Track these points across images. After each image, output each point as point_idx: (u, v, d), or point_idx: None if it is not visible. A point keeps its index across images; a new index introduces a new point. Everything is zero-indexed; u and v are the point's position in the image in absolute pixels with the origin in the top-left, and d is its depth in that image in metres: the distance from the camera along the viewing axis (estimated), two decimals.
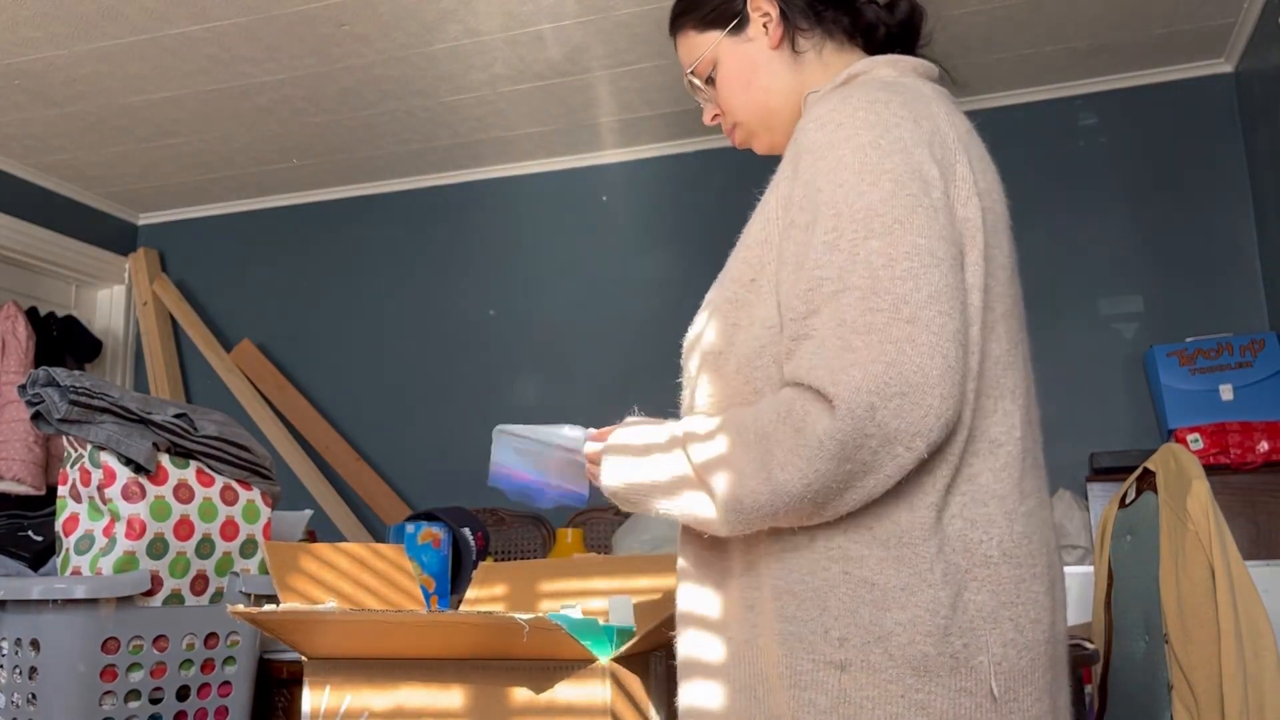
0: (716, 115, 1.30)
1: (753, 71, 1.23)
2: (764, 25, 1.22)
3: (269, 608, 1.27)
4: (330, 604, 1.34)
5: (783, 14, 1.21)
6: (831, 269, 0.98)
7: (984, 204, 1.07)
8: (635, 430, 1.14)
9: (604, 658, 1.26)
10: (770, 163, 1.18)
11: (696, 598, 1.10)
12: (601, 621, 1.46)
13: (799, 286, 1.00)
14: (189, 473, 1.85)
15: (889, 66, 1.17)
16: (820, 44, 1.22)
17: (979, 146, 1.13)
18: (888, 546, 0.99)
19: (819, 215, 1.01)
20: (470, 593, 1.81)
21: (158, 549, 1.77)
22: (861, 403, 0.93)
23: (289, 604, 1.34)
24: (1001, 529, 1.02)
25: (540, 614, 1.64)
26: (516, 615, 1.15)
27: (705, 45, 1.25)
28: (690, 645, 1.09)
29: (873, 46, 1.24)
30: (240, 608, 1.26)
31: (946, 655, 0.97)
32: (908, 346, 0.94)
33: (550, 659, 1.26)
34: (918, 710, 0.97)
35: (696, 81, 1.28)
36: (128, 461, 1.77)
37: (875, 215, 0.98)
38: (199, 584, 1.83)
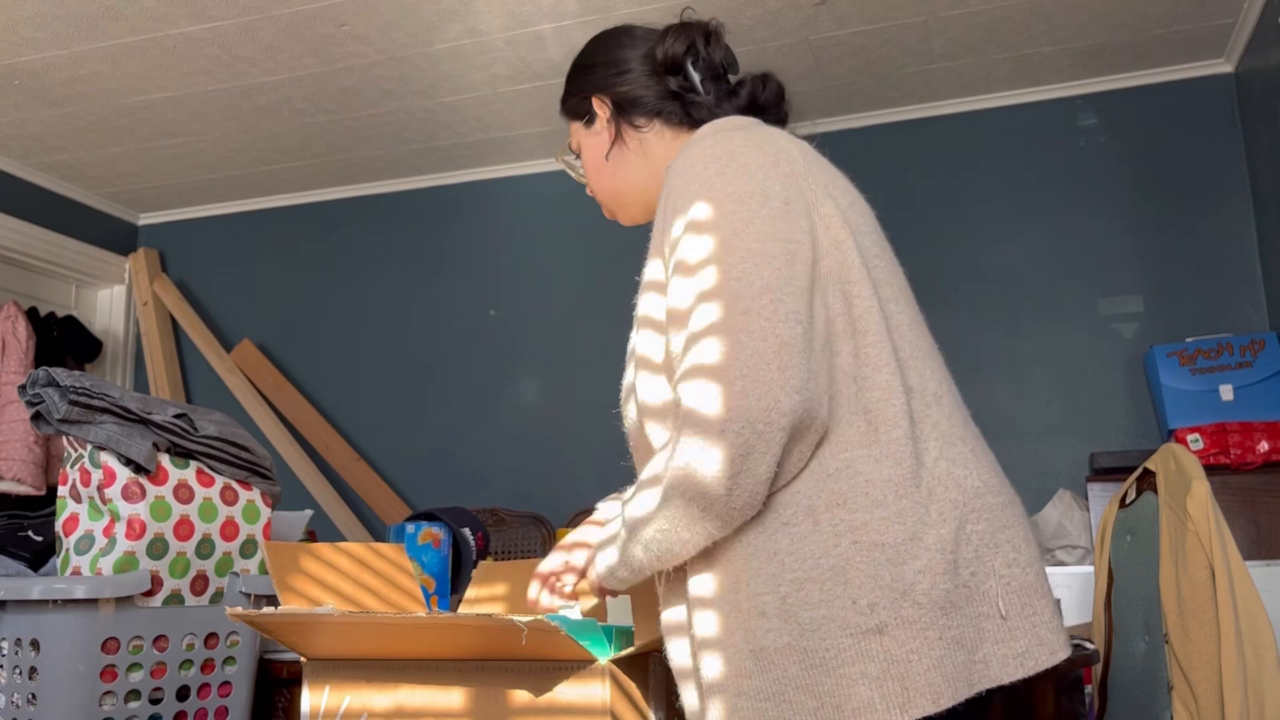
0: (591, 191, 1.48)
1: (600, 159, 1.42)
2: (606, 120, 1.40)
3: (267, 610, 1.27)
4: (329, 607, 1.34)
5: (614, 115, 1.39)
6: (685, 291, 1.11)
7: (848, 199, 1.21)
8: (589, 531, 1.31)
9: (603, 658, 1.26)
10: None
11: (703, 622, 1.12)
12: (600, 622, 1.46)
13: (674, 328, 1.12)
14: (189, 473, 1.85)
15: (727, 123, 1.29)
16: (661, 131, 1.38)
17: (821, 161, 1.26)
18: (885, 505, 1.06)
19: (685, 247, 1.14)
20: (470, 592, 1.81)
21: (158, 549, 1.77)
22: (713, 394, 1.03)
23: (287, 606, 1.34)
24: (973, 464, 1.13)
25: (539, 614, 1.64)
26: (515, 618, 1.15)
27: (572, 132, 1.46)
28: (704, 668, 1.10)
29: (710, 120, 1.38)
30: (238, 610, 1.26)
31: (961, 587, 1.05)
32: (742, 335, 1.04)
33: (550, 659, 1.26)
34: (955, 646, 1.03)
35: (570, 159, 1.48)
36: (128, 462, 1.77)
37: (715, 230, 1.11)
38: (199, 584, 1.83)
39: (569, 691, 1.25)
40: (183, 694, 1.81)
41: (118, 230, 4.59)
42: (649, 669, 1.34)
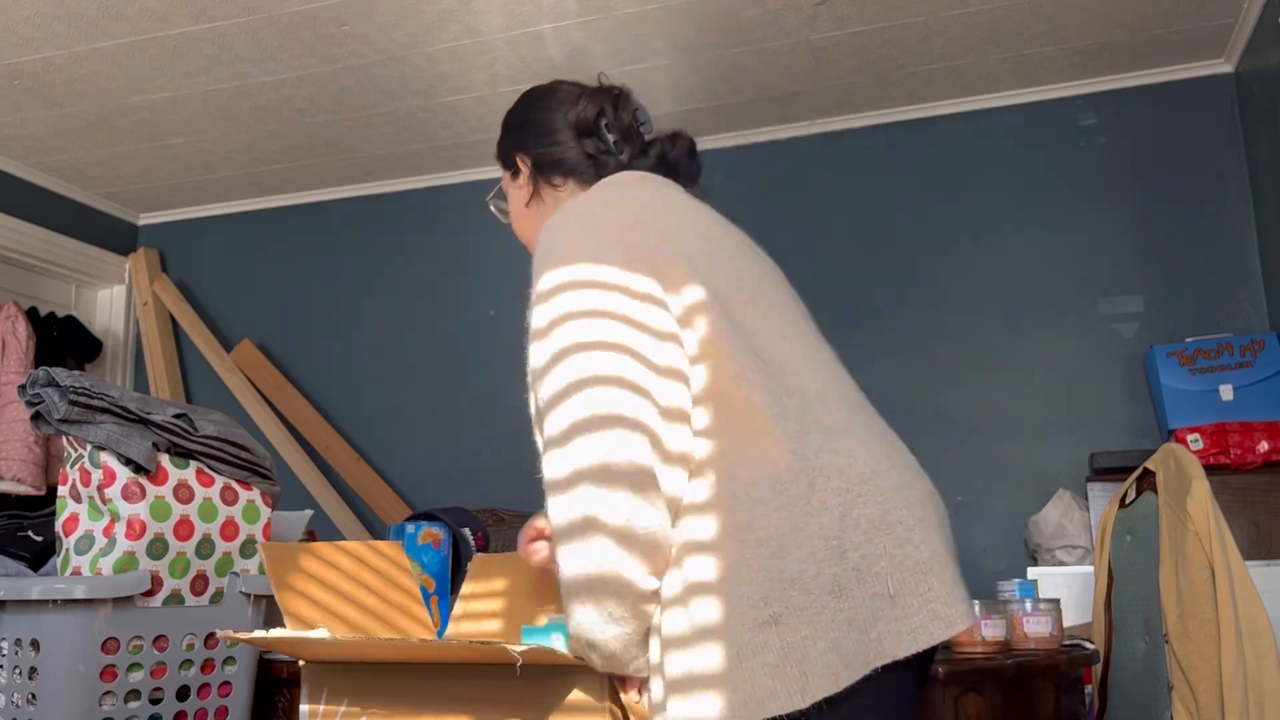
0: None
1: (519, 208, 1.58)
2: (527, 175, 1.54)
3: (258, 633, 1.27)
4: (322, 630, 1.35)
5: (534, 172, 1.52)
6: (537, 356, 1.21)
7: (702, 233, 1.30)
8: None
9: None
10: (771, 168, 1.20)
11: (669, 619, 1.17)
12: None
13: (533, 374, 1.23)
14: (189, 473, 1.85)
15: (614, 179, 1.42)
16: (574, 189, 1.50)
17: (685, 199, 1.37)
18: (764, 502, 1.11)
19: (539, 314, 1.23)
20: (466, 586, 1.81)
21: (157, 549, 1.77)
22: (593, 515, 1.10)
23: (279, 631, 1.35)
24: (860, 454, 1.16)
25: (536, 609, 1.64)
26: (510, 646, 1.16)
27: (503, 179, 1.61)
28: (671, 665, 1.15)
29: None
30: (230, 632, 1.26)
31: (850, 570, 1.09)
32: (602, 443, 1.10)
33: (550, 662, 1.26)
34: (848, 627, 1.07)
35: (500, 204, 1.65)
36: (128, 461, 1.77)
37: (568, 316, 1.18)
38: (199, 584, 1.83)
39: (569, 694, 1.25)
40: (183, 694, 1.81)
41: (118, 230, 4.59)
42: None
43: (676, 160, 1.52)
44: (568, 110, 1.51)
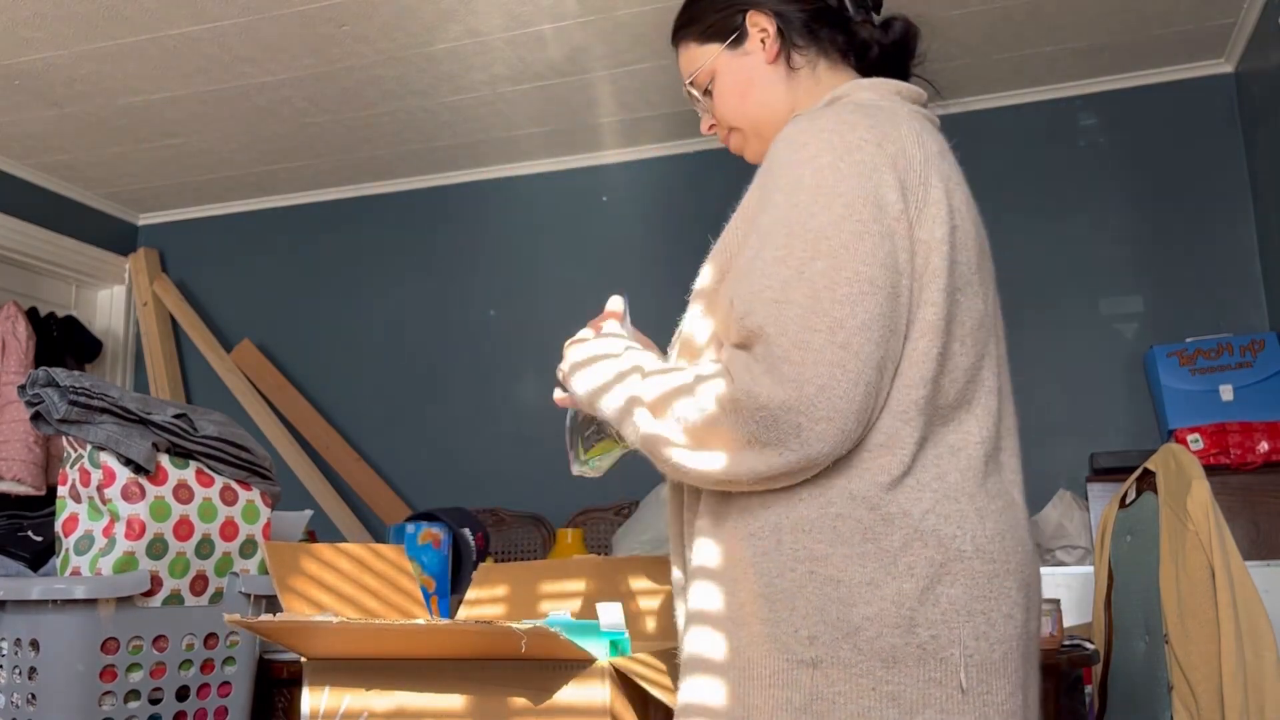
0: (713, 125, 1.36)
1: (749, 84, 1.28)
2: (761, 40, 1.27)
3: (265, 617, 1.27)
4: (328, 614, 1.34)
5: (780, 31, 1.26)
6: (776, 281, 1.03)
7: (953, 222, 1.11)
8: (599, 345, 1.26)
9: (603, 658, 1.26)
10: None
11: (703, 597, 1.12)
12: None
13: (745, 292, 1.05)
14: (189, 473, 1.85)
15: (870, 90, 1.22)
16: (815, 61, 1.27)
17: (951, 166, 1.18)
18: (851, 544, 1.03)
19: (773, 229, 1.06)
20: (471, 593, 1.81)
21: (157, 549, 1.77)
22: (789, 421, 0.99)
23: (288, 613, 1.34)
24: (974, 525, 1.05)
25: (540, 615, 1.64)
26: (514, 625, 1.15)
27: (704, 57, 1.30)
28: (693, 643, 1.11)
29: (865, 65, 1.29)
30: (237, 616, 1.26)
31: (914, 646, 1.01)
32: (838, 371, 0.99)
33: (550, 659, 1.26)
34: (889, 701, 1.00)
35: (694, 92, 1.34)
36: (127, 462, 1.77)
37: (824, 237, 1.03)
38: (198, 584, 1.83)
39: (569, 692, 1.25)
40: (182, 694, 1.81)
41: (118, 230, 4.59)
42: (651, 667, 1.34)
43: (913, 50, 1.32)
44: None
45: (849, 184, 1.05)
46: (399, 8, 3.02)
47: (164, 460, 1.82)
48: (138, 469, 1.77)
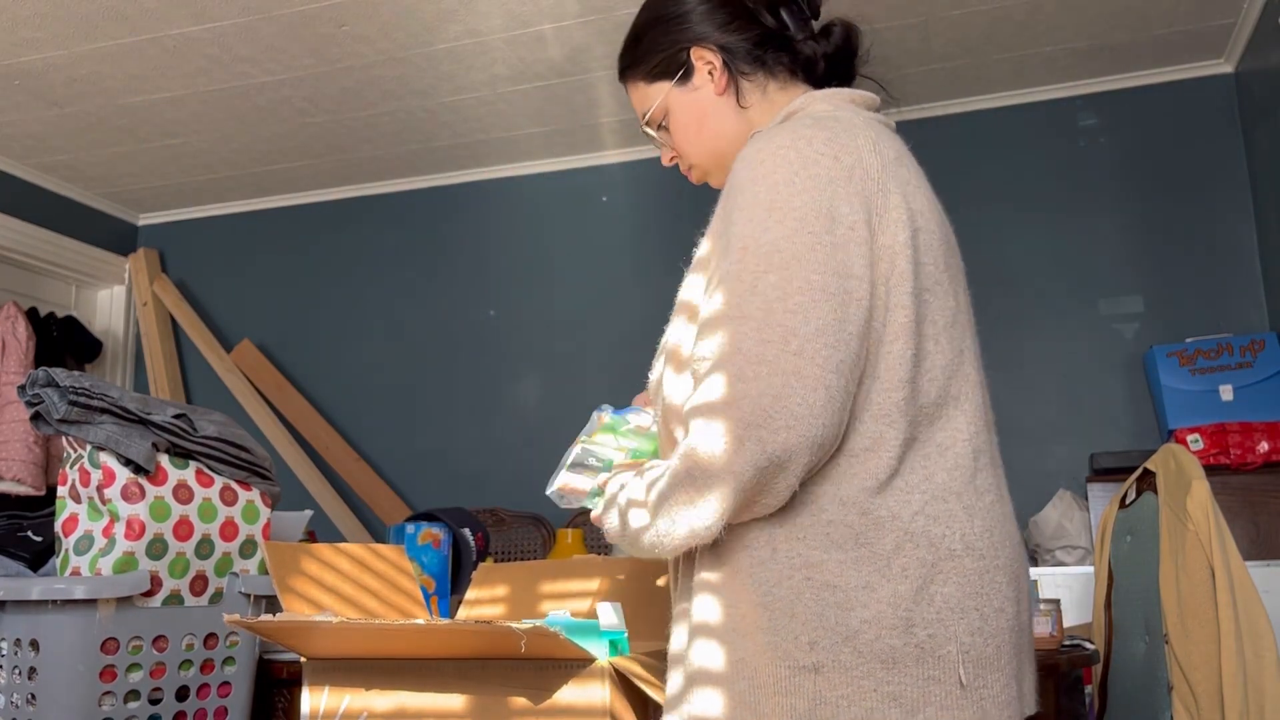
0: (673, 157, 1.37)
1: (702, 117, 1.29)
2: (709, 74, 1.28)
3: (265, 617, 1.27)
4: (328, 613, 1.34)
5: (725, 63, 1.28)
6: (732, 298, 1.05)
7: (915, 224, 1.12)
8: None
9: (603, 658, 1.26)
10: None
11: (705, 609, 1.12)
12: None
13: (703, 315, 1.08)
14: (188, 473, 1.85)
15: (824, 101, 1.23)
16: (764, 84, 1.28)
17: (911, 169, 1.18)
18: (845, 549, 1.04)
19: (730, 248, 1.08)
20: (470, 593, 1.81)
21: (157, 549, 1.77)
22: (751, 436, 1.00)
23: (285, 614, 1.34)
24: (963, 524, 1.07)
25: (540, 615, 1.64)
26: (513, 625, 1.15)
27: (655, 95, 1.32)
28: (699, 655, 1.11)
29: (814, 78, 1.31)
30: (236, 616, 1.26)
31: (912, 646, 1.02)
32: (794, 380, 1.00)
33: (550, 659, 1.26)
34: (890, 701, 1.01)
35: (649, 130, 1.35)
36: (127, 462, 1.77)
37: (775, 251, 1.05)
38: (198, 584, 1.83)
39: (569, 692, 1.25)
40: (182, 694, 1.81)
41: (117, 230, 4.59)
42: (650, 668, 1.34)
43: (856, 49, 1.32)
44: None
45: (802, 198, 1.06)
46: (399, 8, 3.02)
47: (164, 460, 1.82)
48: (138, 469, 1.77)
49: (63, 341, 4.17)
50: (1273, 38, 3.01)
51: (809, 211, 1.06)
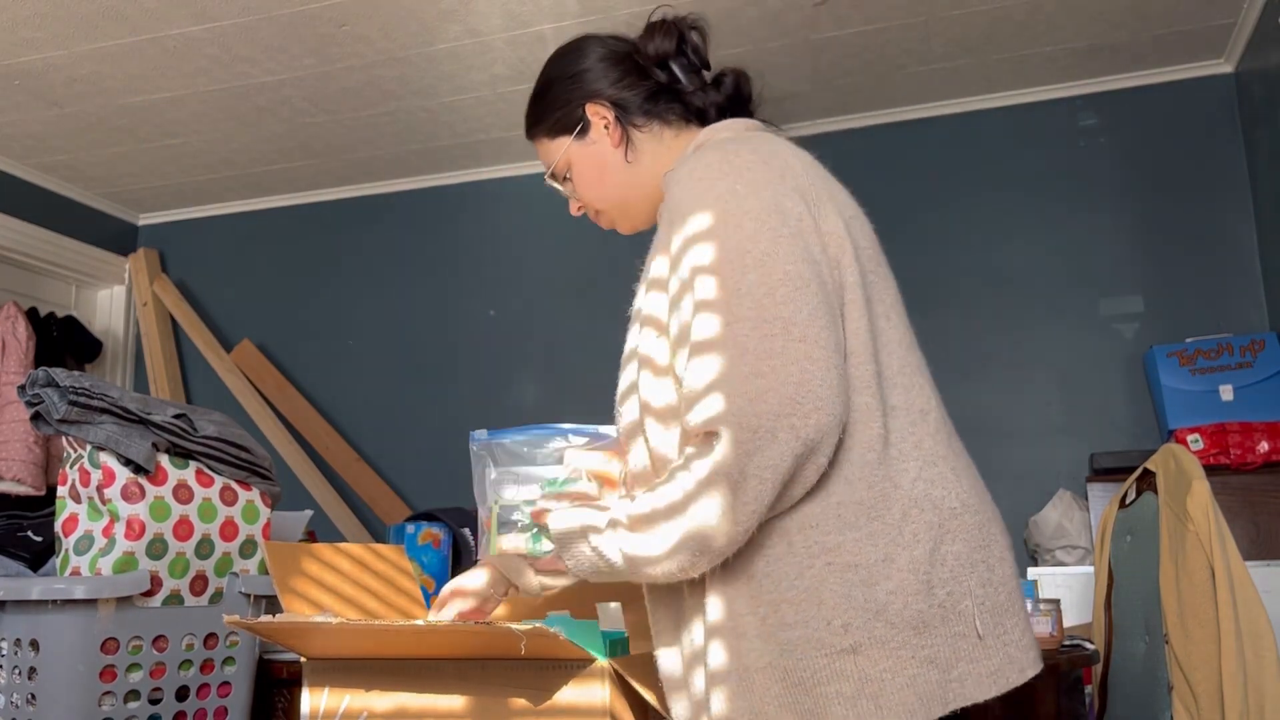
0: (580, 207, 1.42)
1: (602, 169, 1.36)
2: (604, 127, 1.35)
3: (265, 618, 1.27)
4: (327, 614, 1.34)
5: (617, 118, 1.35)
6: (720, 309, 1.08)
7: (844, 214, 1.19)
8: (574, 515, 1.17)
9: (603, 658, 1.26)
10: None
11: (721, 613, 1.12)
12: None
13: (693, 333, 1.09)
14: (188, 473, 1.85)
15: (726, 130, 1.30)
16: (659, 132, 1.35)
17: (823, 172, 1.24)
18: (858, 527, 1.07)
19: (699, 263, 1.11)
20: None
21: (157, 549, 1.77)
22: (783, 426, 1.02)
23: (285, 615, 1.34)
24: (953, 484, 1.13)
25: (540, 616, 1.64)
26: (513, 626, 1.15)
27: (557, 150, 1.38)
28: (714, 657, 1.11)
29: (706, 122, 1.37)
30: (236, 616, 1.26)
31: (935, 607, 1.06)
32: (808, 364, 1.03)
33: (550, 659, 1.26)
34: (929, 665, 1.04)
35: (554, 183, 1.41)
36: (127, 462, 1.77)
37: (745, 252, 1.09)
38: (198, 584, 1.83)
39: (569, 692, 1.25)
40: (182, 694, 1.81)
41: (117, 230, 4.59)
42: (650, 668, 1.34)
43: (748, 95, 1.40)
44: (644, 42, 1.39)
45: (750, 201, 1.11)
46: (399, 8, 3.02)
47: (164, 460, 1.82)
48: (137, 469, 1.77)
49: (63, 341, 4.17)
50: (1273, 38, 3.01)
51: (760, 211, 1.11)
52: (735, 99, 1.38)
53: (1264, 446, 2.80)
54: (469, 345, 4.16)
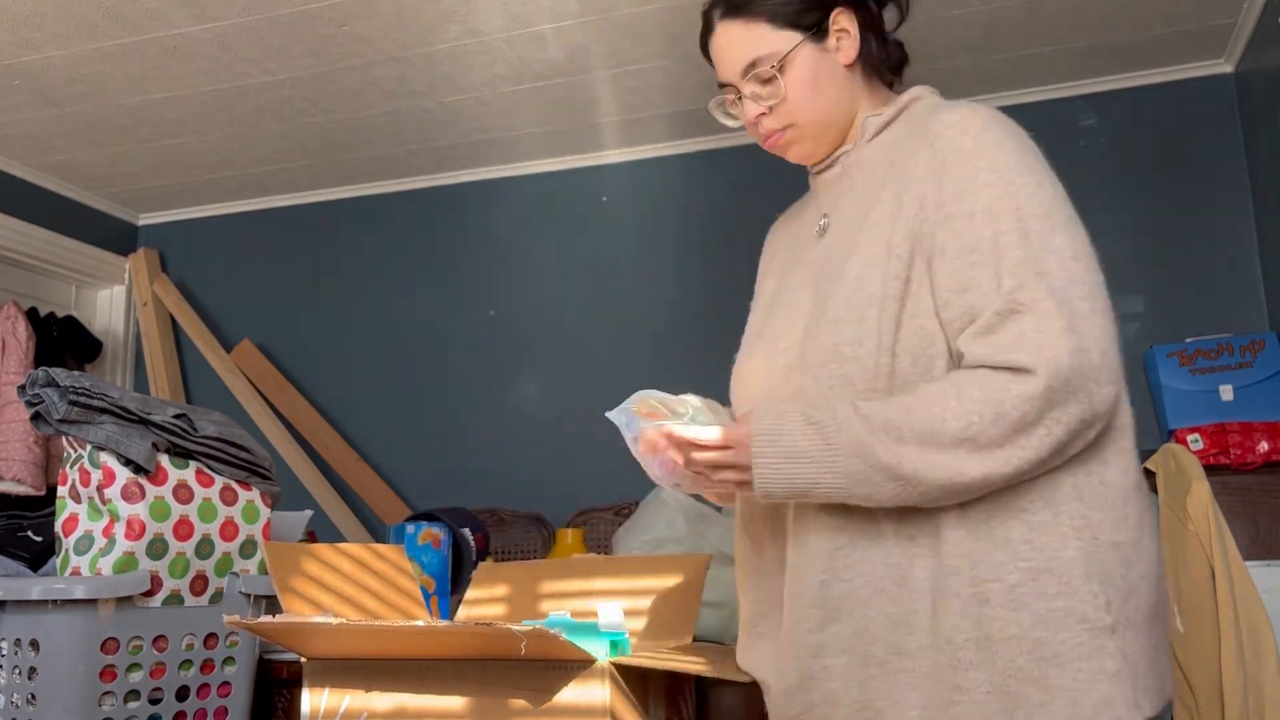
0: (762, 114, 1.27)
1: (826, 80, 1.24)
2: (838, 40, 1.25)
3: (265, 618, 1.27)
4: (327, 615, 1.34)
5: (862, 36, 1.27)
6: (1028, 255, 1.07)
7: None
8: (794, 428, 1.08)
9: (603, 659, 1.26)
10: (773, 166, 1.18)
11: (954, 586, 1.07)
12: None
13: (986, 270, 1.07)
14: (188, 473, 1.85)
15: (930, 94, 1.30)
16: (871, 73, 1.30)
17: None
18: (1115, 508, 1.07)
19: (994, 208, 1.10)
20: (470, 593, 1.81)
21: (157, 549, 1.76)
22: (1081, 388, 1.04)
23: (285, 616, 1.34)
24: (1134, 478, 1.14)
25: (540, 615, 1.64)
26: (513, 627, 1.15)
27: (779, 43, 1.23)
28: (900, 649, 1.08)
29: (887, 80, 1.36)
30: (236, 617, 1.26)
31: (1160, 598, 1.08)
32: (1105, 336, 1.08)
33: (550, 659, 1.26)
34: (1158, 652, 1.06)
35: (750, 76, 1.25)
36: (127, 462, 1.77)
37: (1052, 212, 1.11)
38: (198, 584, 1.83)
39: (569, 691, 1.25)
40: (182, 694, 1.81)
41: (117, 230, 4.59)
42: (650, 669, 1.34)
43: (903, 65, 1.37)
44: None
45: (1042, 165, 1.15)
46: (399, 8, 3.02)
47: (164, 460, 1.82)
48: (138, 469, 1.77)
49: (63, 341, 4.17)
50: (1273, 38, 3.01)
51: (1048, 177, 1.15)
52: (900, 66, 1.36)
53: (1264, 446, 2.80)
54: (469, 345, 4.16)
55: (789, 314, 1.22)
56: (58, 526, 1.83)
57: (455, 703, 1.30)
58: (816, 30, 1.23)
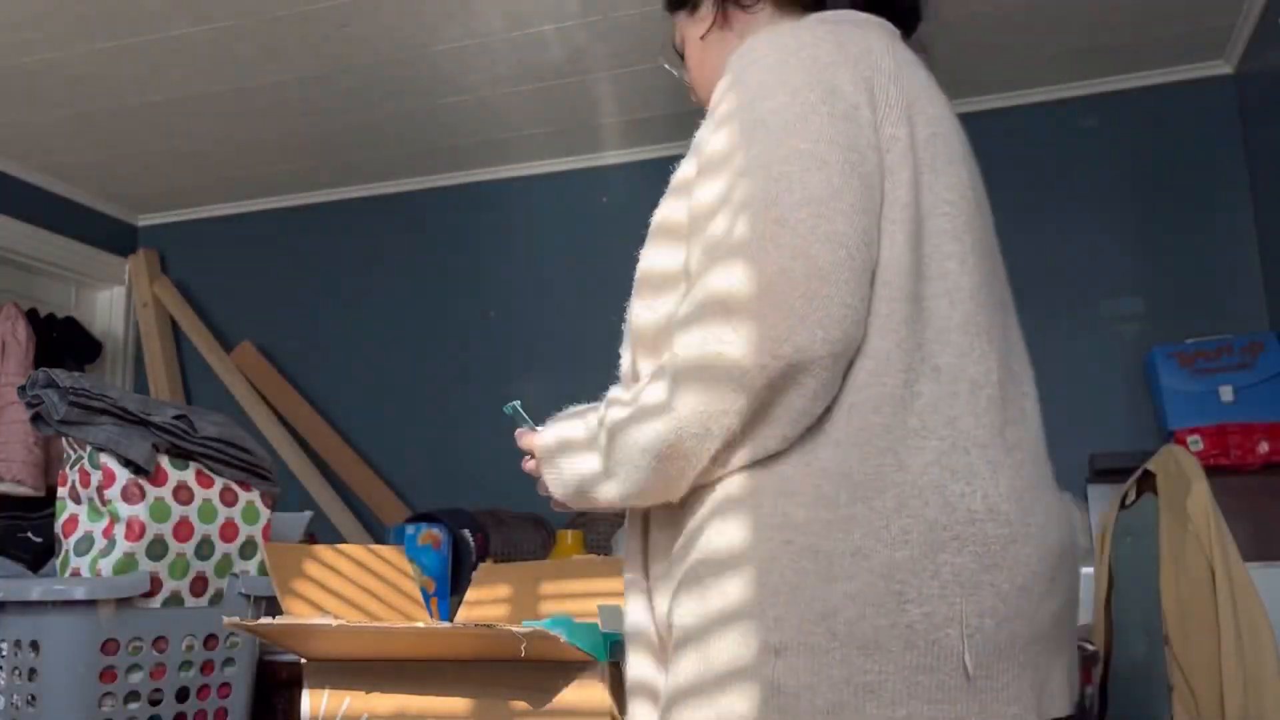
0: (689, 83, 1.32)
1: (704, 49, 1.23)
2: (712, 4, 1.22)
3: (265, 619, 1.27)
4: (328, 616, 1.34)
5: None
6: (710, 191, 0.97)
7: (932, 129, 1.03)
8: (561, 427, 1.13)
9: (604, 660, 1.26)
10: None
11: (640, 611, 1.06)
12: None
13: (694, 220, 1.00)
14: (188, 474, 1.85)
15: (832, 14, 1.10)
16: (772, 14, 1.18)
17: (925, 78, 1.10)
18: (836, 506, 0.87)
19: (710, 141, 1.01)
20: (471, 594, 1.81)
21: (157, 550, 1.76)
22: (721, 328, 0.89)
23: (285, 616, 1.34)
24: (983, 480, 0.89)
25: (541, 616, 1.64)
26: (514, 628, 1.15)
27: (676, 26, 1.28)
28: (635, 667, 1.05)
29: (822, 9, 1.17)
30: (236, 618, 1.26)
31: (901, 627, 0.85)
32: (770, 246, 0.88)
33: (551, 660, 1.26)
34: (866, 694, 0.84)
35: (673, 61, 1.32)
36: (127, 463, 1.76)
37: (760, 125, 0.94)
38: (198, 585, 1.83)
39: (570, 692, 1.25)
40: (182, 695, 1.81)
41: (117, 231, 4.58)
42: None
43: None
44: None
45: (797, 76, 0.96)
46: (399, 8, 3.02)
47: (164, 461, 1.82)
48: (137, 470, 1.77)
49: (63, 342, 4.17)
50: (1273, 38, 3.01)
51: (801, 85, 0.95)
52: (875, 4, 1.15)
53: (1264, 447, 2.80)
54: (469, 346, 4.16)
55: None
56: (58, 527, 1.83)
57: (456, 704, 1.30)
58: (692, 3, 1.24)
